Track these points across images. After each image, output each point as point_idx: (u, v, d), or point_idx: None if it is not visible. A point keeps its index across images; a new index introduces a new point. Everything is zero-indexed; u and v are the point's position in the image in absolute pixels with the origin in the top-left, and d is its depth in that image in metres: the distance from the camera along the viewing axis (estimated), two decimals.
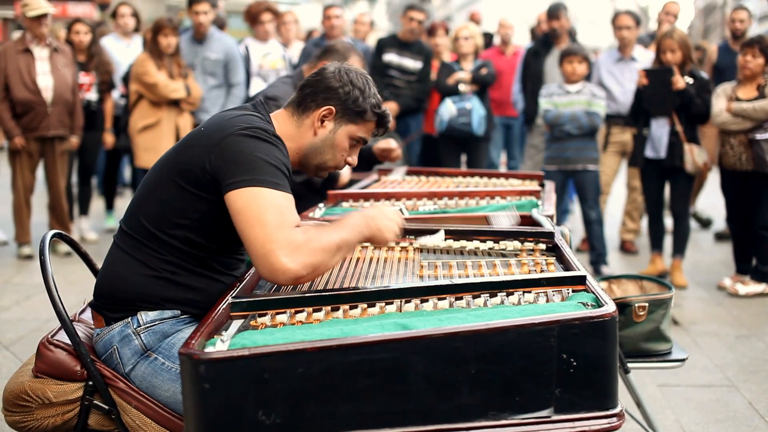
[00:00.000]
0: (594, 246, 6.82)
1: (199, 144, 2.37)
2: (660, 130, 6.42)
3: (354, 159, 2.64)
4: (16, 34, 12.65)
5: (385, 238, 2.44)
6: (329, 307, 2.16)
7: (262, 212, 2.18)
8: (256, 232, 2.17)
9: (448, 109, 7.53)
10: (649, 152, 6.50)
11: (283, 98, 3.68)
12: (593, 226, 6.80)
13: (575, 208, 8.76)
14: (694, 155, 6.31)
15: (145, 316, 2.40)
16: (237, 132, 2.32)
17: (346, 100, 2.52)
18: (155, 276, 2.40)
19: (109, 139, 7.93)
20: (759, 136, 6.05)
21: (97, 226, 8.32)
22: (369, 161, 4.37)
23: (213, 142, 2.32)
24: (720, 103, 6.21)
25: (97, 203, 8.89)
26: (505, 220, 3.02)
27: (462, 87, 7.59)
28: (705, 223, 9.06)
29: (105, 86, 7.80)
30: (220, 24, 8.63)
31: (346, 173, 4.28)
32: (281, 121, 2.55)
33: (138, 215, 2.44)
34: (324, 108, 2.51)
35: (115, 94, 8.26)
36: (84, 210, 8.03)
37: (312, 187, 4.12)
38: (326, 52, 4.10)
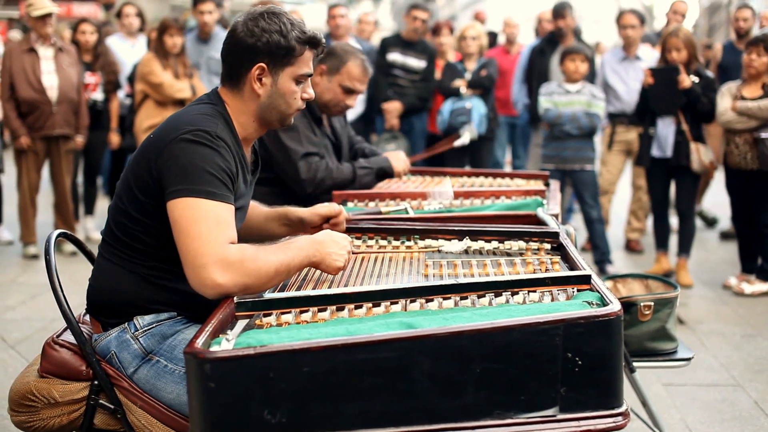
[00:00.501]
0: (597, 245, 6.81)
1: (148, 150, 2.33)
2: (666, 129, 6.42)
3: (309, 92, 2.53)
4: (14, 34, 12.69)
5: (333, 266, 2.39)
6: (334, 307, 2.16)
7: (196, 224, 2.15)
8: (188, 244, 2.14)
9: (448, 111, 7.56)
10: (655, 151, 6.49)
11: None
12: (595, 225, 6.79)
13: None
14: (701, 154, 6.31)
15: (142, 320, 2.39)
16: (179, 137, 2.26)
17: (270, 50, 2.40)
18: (142, 281, 2.39)
19: (114, 138, 7.94)
20: (764, 134, 6.04)
21: (103, 225, 8.32)
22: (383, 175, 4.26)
23: (158, 149, 2.28)
24: (725, 101, 6.20)
25: (102, 203, 8.89)
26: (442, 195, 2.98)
27: (463, 90, 7.62)
28: (711, 222, 9.05)
29: (111, 86, 7.81)
30: (225, 23, 8.63)
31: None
32: (226, 100, 2.48)
33: (111, 224, 2.43)
34: (254, 68, 2.42)
35: (121, 93, 8.27)
36: (89, 209, 8.03)
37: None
38: (324, 56, 3.97)
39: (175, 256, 2.32)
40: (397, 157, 4.12)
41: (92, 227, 7.93)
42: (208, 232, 2.13)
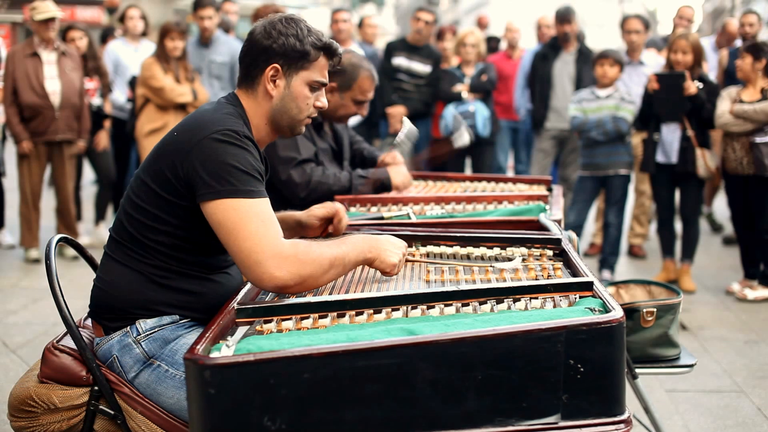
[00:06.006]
0: (603, 248, 6.81)
1: (171, 150, 2.34)
2: (671, 135, 6.41)
3: (323, 101, 2.56)
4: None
5: (388, 262, 2.43)
6: (335, 313, 2.15)
7: (244, 224, 2.18)
8: (240, 244, 2.17)
9: (450, 114, 7.56)
10: (659, 157, 6.48)
11: None
12: (609, 228, 6.77)
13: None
14: (707, 160, 6.30)
15: (144, 324, 2.39)
16: (208, 136, 2.27)
17: (286, 52, 2.44)
18: (148, 282, 2.39)
19: (104, 140, 7.84)
20: (758, 139, 6.05)
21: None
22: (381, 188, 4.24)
23: (185, 149, 2.29)
24: (723, 105, 6.21)
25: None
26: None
27: (464, 95, 7.62)
28: (717, 227, 9.05)
29: (106, 89, 7.80)
30: (226, 27, 8.65)
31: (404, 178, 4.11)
32: (242, 101, 2.50)
33: (123, 221, 2.43)
34: (269, 69, 2.45)
35: (122, 97, 8.26)
36: (102, 215, 8.00)
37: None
38: (336, 72, 3.94)
39: (185, 256, 2.37)
40: (398, 171, 4.08)
41: (107, 233, 7.86)
42: (257, 230, 2.17)
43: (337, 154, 4.14)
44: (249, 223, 2.18)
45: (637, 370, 3.29)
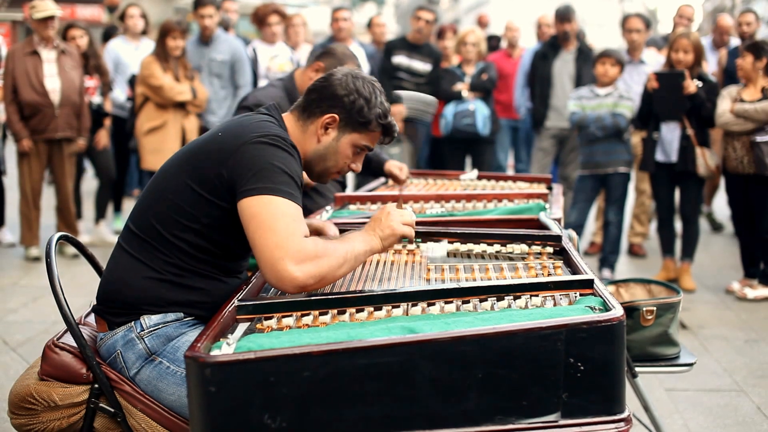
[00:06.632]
0: (603, 247, 6.81)
1: (216, 150, 2.37)
2: (671, 134, 6.41)
3: (358, 165, 2.63)
4: None
5: (396, 232, 2.44)
6: (336, 311, 2.16)
7: (275, 220, 2.19)
8: (267, 238, 2.17)
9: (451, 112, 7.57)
10: (659, 156, 6.48)
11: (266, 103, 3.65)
12: (609, 227, 6.77)
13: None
14: (707, 159, 6.30)
15: (149, 320, 2.39)
16: (255, 139, 2.32)
17: (351, 110, 2.51)
18: (159, 279, 2.39)
19: (104, 138, 7.85)
20: (759, 138, 6.04)
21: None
22: (377, 173, 4.31)
23: (230, 149, 2.32)
24: (724, 104, 6.20)
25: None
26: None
27: (464, 93, 7.62)
28: (717, 227, 9.05)
29: (106, 88, 7.80)
30: (226, 26, 8.65)
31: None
32: (288, 124, 2.56)
33: (148, 215, 2.44)
34: (328, 116, 2.51)
35: (122, 96, 8.26)
36: (102, 213, 7.99)
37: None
38: (322, 54, 3.97)
39: (206, 257, 2.39)
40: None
41: (107, 231, 7.86)
42: (286, 226, 2.19)
43: None
44: (281, 219, 2.19)
45: (637, 369, 3.29)
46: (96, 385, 2.37)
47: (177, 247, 2.39)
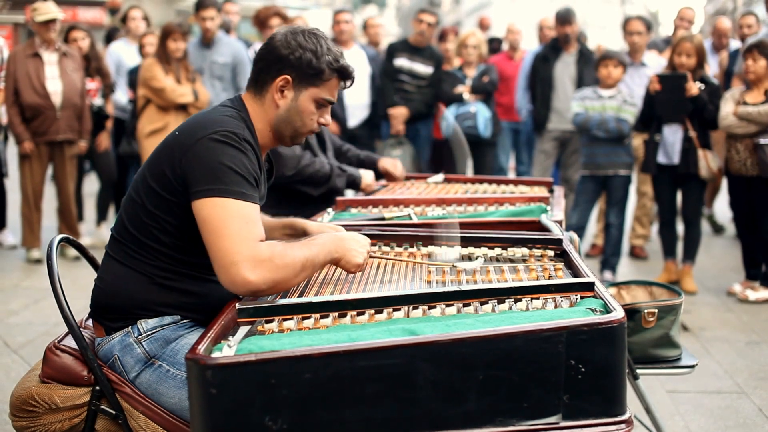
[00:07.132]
0: (604, 249, 6.81)
1: (172, 149, 2.34)
2: (673, 136, 6.40)
3: (327, 119, 2.56)
4: None
5: (353, 263, 2.44)
6: (336, 313, 2.15)
7: (226, 223, 2.17)
8: (220, 243, 2.16)
9: (452, 115, 7.57)
10: (661, 158, 6.47)
11: None
12: (611, 230, 6.76)
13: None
14: (709, 161, 6.30)
15: (145, 324, 2.39)
16: (207, 136, 2.28)
17: (300, 66, 2.44)
18: (149, 283, 2.39)
19: (105, 141, 7.87)
20: (763, 140, 6.03)
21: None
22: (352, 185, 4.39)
23: (184, 148, 2.30)
24: (727, 106, 6.20)
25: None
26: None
27: (466, 96, 7.62)
28: (718, 229, 9.04)
29: (108, 90, 7.81)
30: (227, 28, 8.65)
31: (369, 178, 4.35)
32: (248, 105, 2.50)
33: (124, 220, 2.43)
34: (279, 78, 2.45)
35: (123, 98, 8.27)
36: (103, 216, 7.99)
37: (336, 193, 4.15)
38: None
39: (187, 257, 2.36)
40: (369, 173, 4.37)
41: (108, 233, 7.85)
42: (238, 230, 2.16)
43: (321, 141, 4.35)
44: (232, 223, 2.17)
45: (638, 371, 3.29)
46: (97, 388, 2.37)
47: (154, 249, 2.38)
